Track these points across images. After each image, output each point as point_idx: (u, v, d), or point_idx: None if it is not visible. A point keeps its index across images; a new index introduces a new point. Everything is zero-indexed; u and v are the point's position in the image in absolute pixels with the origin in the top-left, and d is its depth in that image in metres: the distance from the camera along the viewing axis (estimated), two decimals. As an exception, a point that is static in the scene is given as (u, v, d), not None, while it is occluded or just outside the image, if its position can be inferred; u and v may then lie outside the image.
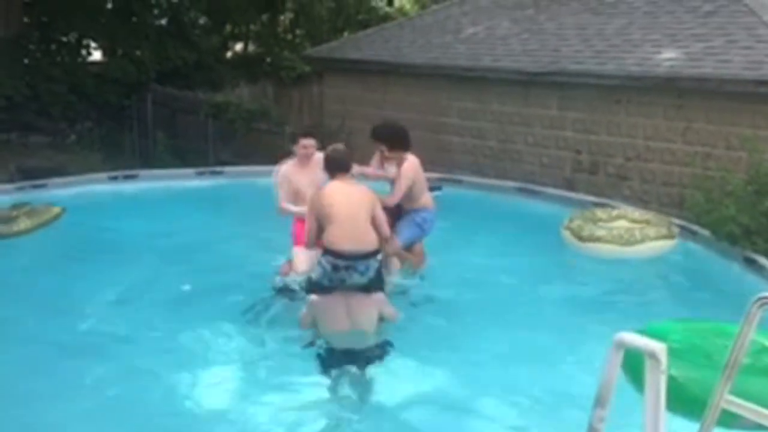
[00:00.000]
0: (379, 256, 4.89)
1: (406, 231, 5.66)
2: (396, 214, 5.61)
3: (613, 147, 8.48)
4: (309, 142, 5.78)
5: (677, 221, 6.85)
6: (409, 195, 5.64)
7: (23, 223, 6.58)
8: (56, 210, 6.87)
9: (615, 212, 6.79)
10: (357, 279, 4.66)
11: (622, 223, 6.49)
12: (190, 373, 4.42)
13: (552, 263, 6.28)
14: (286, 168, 5.78)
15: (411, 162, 5.62)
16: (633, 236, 6.19)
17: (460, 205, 7.37)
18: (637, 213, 6.79)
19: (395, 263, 5.60)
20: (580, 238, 6.29)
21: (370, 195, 4.89)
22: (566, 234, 6.44)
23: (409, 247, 5.73)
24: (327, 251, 4.65)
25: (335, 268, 4.61)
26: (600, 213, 6.76)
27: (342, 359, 4.43)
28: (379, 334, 4.67)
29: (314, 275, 4.78)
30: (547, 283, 5.89)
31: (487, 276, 5.95)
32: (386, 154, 5.62)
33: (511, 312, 5.33)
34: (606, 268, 6.12)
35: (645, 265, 6.22)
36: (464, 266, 6.08)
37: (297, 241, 5.57)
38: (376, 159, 5.81)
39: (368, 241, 4.69)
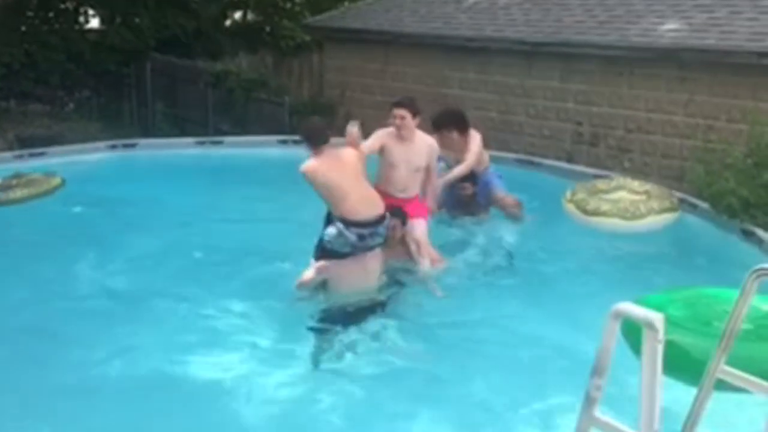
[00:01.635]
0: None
1: (499, 186, 6.42)
2: (473, 182, 6.20)
3: (615, 119, 8.44)
4: (401, 111, 5.19)
5: (678, 194, 6.84)
6: (480, 159, 6.27)
7: (20, 192, 6.55)
8: (56, 181, 6.82)
9: (614, 182, 6.77)
10: (379, 240, 4.84)
11: (623, 194, 6.47)
12: (194, 340, 4.47)
13: (551, 235, 6.30)
14: (385, 131, 5.35)
15: (476, 133, 6.21)
16: (638, 210, 6.17)
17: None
18: (636, 183, 6.76)
19: (516, 214, 6.39)
20: (585, 212, 6.26)
21: (355, 154, 4.95)
22: (570, 207, 6.40)
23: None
24: (350, 223, 4.69)
25: (361, 237, 4.71)
26: (600, 184, 6.73)
27: (351, 316, 4.61)
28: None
29: (333, 245, 4.76)
30: (547, 254, 5.91)
31: (488, 249, 5.96)
32: (455, 138, 6.06)
33: (511, 282, 5.37)
34: (604, 240, 6.14)
35: (644, 238, 6.22)
36: (462, 238, 6.09)
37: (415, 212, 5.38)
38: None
39: (378, 202, 4.86)
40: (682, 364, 2.70)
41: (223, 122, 11.48)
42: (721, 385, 2.35)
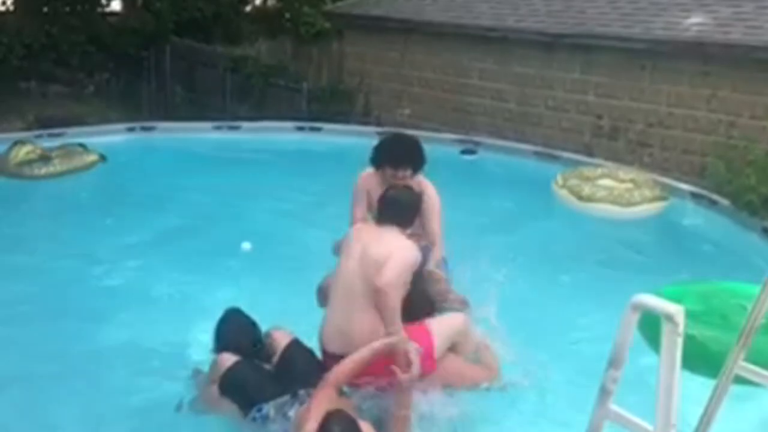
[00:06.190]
0: None
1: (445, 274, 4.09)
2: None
3: (635, 113, 8.35)
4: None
5: (699, 190, 6.84)
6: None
7: (54, 167, 6.60)
8: (92, 157, 6.87)
9: (599, 170, 6.93)
10: None
11: (609, 182, 6.64)
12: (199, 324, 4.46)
13: (561, 225, 6.31)
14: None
15: (433, 189, 4.09)
16: (633, 197, 6.41)
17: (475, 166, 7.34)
18: (620, 172, 6.92)
19: None
20: (580, 198, 6.42)
21: None
22: (563, 193, 6.55)
23: None
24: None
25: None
26: (586, 171, 6.83)
27: None
28: None
29: None
30: (558, 245, 5.86)
31: (496, 240, 5.87)
32: (407, 180, 3.96)
33: (523, 272, 5.29)
34: (613, 231, 6.17)
35: (660, 233, 6.22)
36: (470, 231, 6.00)
37: None
38: (364, 191, 4.06)
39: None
40: (700, 357, 2.67)
41: (241, 107, 11.49)
42: (740, 379, 2.31)
